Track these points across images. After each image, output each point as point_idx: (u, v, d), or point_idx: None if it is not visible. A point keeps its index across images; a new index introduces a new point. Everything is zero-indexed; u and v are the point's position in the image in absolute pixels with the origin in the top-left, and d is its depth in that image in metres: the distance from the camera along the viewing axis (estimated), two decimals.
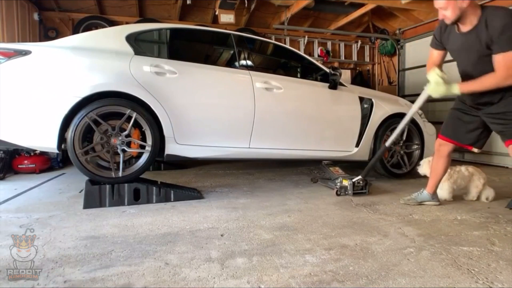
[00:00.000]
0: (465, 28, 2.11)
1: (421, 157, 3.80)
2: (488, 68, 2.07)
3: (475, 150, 2.46)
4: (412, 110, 2.61)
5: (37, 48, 2.49)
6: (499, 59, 2.00)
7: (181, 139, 2.73)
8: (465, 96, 2.32)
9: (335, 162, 3.46)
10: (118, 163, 2.55)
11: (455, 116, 2.45)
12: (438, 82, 2.20)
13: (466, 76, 2.26)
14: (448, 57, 2.37)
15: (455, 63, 2.35)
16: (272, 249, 1.74)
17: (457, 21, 2.08)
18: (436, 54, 2.37)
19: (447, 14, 2.06)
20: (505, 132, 2.22)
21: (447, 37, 2.25)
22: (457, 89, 2.17)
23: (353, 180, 2.87)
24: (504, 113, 2.18)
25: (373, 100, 3.55)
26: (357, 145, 3.48)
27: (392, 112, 3.62)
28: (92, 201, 2.46)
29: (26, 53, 2.41)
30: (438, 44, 2.33)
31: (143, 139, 2.64)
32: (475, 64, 2.16)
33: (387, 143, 2.80)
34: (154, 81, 2.65)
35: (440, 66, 2.33)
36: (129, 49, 2.71)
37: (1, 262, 1.55)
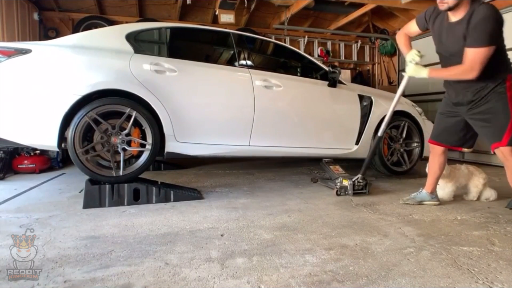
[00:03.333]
0: (454, 18, 2.15)
1: (421, 154, 3.82)
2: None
3: (466, 150, 2.52)
4: (397, 94, 2.66)
5: (38, 47, 2.50)
6: (467, 52, 2.07)
7: (181, 137, 2.74)
8: (450, 91, 2.37)
9: (336, 161, 3.47)
10: (118, 162, 2.55)
11: (440, 120, 2.51)
12: (411, 62, 2.31)
13: (445, 66, 2.31)
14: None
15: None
16: (272, 249, 1.74)
17: (452, 8, 2.10)
18: (415, 29, 2.45)
19: None
20: (488, 134, 2.23)
21: (434, 21, 2.28)
22: (426, 73, 2.25)
23: (353, 180, 2.87)
24: (486, 112, 2.19)
25: (372, 98, 3.57)
26: (357, 142, 3.49)
27: None
28: (92, 201, 2.46)
29: (26, 51, 2.42)
30: (424, 23, 2.37)
31: (143, 137, 2.64)
32: (456, 54, 2.18)
33: (379, 133, 2.80)
34: (154, 79, 2.65)
35: (411, 37, 2.48)
36: (129, 47, 2.72)
37: (1, 262, 1.55)
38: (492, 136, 2.20)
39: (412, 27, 2.45)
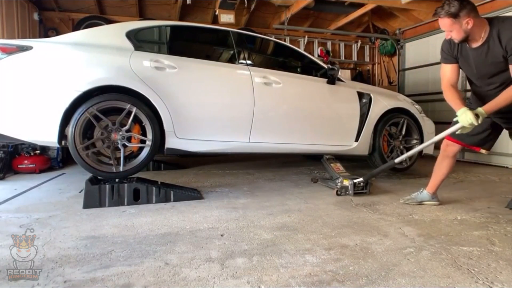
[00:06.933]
0: (475, 43, 2.11)
1: (420, 152, 3.81)
2: (504, 79, 2.09)
3: (483, 151, 2.46)
4: (438, 136, 2.50)
5: (39, 44, 2.52)
6: None
7: (181, 133, 2.75)
8: (478, 104, 2.26)
9: (336, 158, 3.46)
10: (118, 159, 2.56)
11: None
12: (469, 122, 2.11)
13: (480, 89, 2.26)
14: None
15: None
16: (272, 249, 1.74)
17: (465, 40, 2.09)
18: (450, 69, 2.28)
19: (453, 35, 2.07)
20: None
21: (458, 49, 2.21)
22: (484, 113, 2.11)
23: (354, 181, 2.87)
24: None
25: (371, 95, 3.58)
26: (357, 139, 3.50)
27: (391, 107, 3.66)
28: (92, 201, 2.46)
29: (27, 48, 2.44)
30: (449, 58, 2.27)
31: (144, 133, 2.66)
32: (490, 77, 2.16)
33: (397, 160, 2.79)
34: (154, 76, 2.67)
35: (456, 82, 2.28)
36: (129, 45, 2.74)
37: (1, 262, 1.55)
38: None
39: (446, 71, 2.29)
